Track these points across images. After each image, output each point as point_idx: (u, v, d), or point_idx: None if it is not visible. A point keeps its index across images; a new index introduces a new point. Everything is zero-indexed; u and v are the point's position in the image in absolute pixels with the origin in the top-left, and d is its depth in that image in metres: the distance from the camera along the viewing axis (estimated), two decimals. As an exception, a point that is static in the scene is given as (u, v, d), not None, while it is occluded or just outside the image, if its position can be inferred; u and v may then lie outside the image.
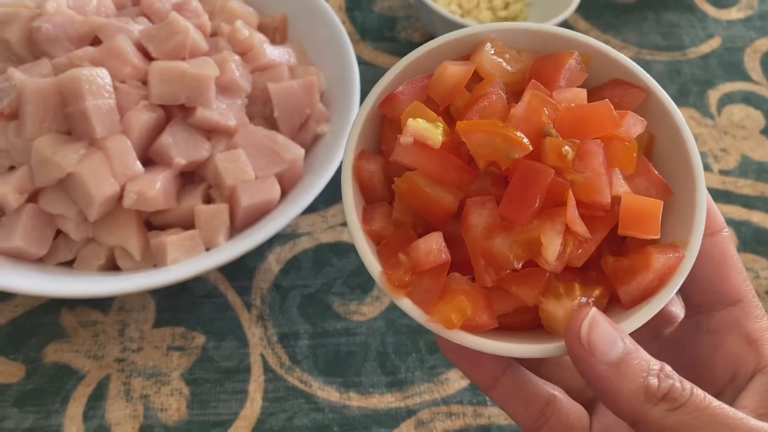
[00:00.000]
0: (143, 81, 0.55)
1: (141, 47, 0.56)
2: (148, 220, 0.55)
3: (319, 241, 0.63)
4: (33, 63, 0.55)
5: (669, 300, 0.31)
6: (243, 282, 0.60)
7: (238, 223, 0.55)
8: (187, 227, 0.54)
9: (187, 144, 0.54)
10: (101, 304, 0.57)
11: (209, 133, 0.56)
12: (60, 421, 0.52)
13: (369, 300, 0.60)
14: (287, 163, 0.56)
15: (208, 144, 0.55)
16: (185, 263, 0.52)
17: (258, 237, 0.52)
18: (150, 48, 0.56)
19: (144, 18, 0.59)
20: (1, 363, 0.54)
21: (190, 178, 0.56)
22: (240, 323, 0.58)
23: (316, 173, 0.57)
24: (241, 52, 0.60)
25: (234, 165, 0.54)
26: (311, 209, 0.64)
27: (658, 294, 0.31)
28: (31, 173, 0.52)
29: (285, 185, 0.57)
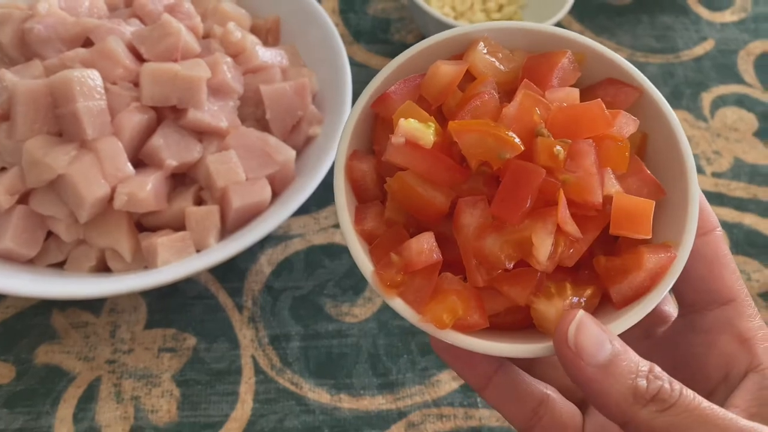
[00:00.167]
0: (135, 82, 0.55)
1: (133, 49, 0.56)
2: (139, 221, 0.55)
3: (311, 243, 0.63)
4: (25, 64, 0.55)
5: (660, 300, 0.31)
6: (234, 283, 0.60)
7: (229, 225, 0.55)
8: (178, 229, 0.54)
9: (179, 146, 0.54)
10: (92, 305, 0.57)
11: (201, 135, 0.56)
12: (50, 423, 0.52)
13: (361, 302, 0.60)
14: (279, 165, 0.56)
15: (199, 146, 0.55)
16: (176, 264, 0.52)
17: (248, 239, 0.52)
18: (142, 49, 0.56)
19: (136, 19, 0.59)
20: (-8, 364, 0.54)
21: (181, 179, 0.56)
22: (231, 325, 0.58)
23: (307, 175, 0.57)
24: (234, 53, 0.60)
25: (225, 166, 0.54)
26: (303, 211, 0.64)
27: (649, 294, 0.31)
28: (22, 174, 0.52)
29: (276, 187, 0.57)
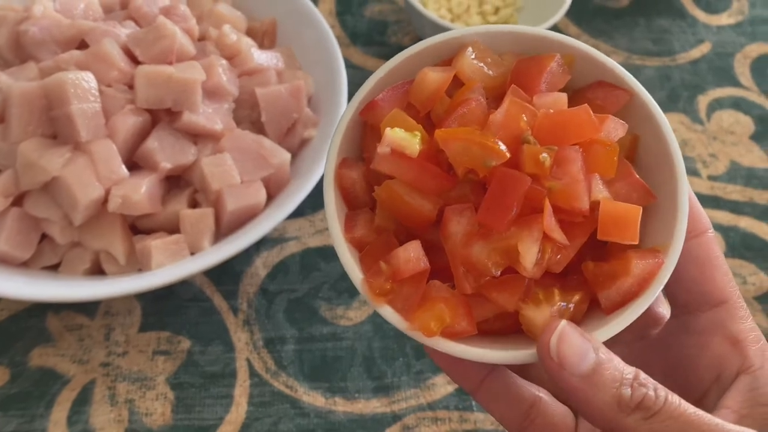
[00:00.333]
0: (130, 85, 0.55)
1: (128, 51, 0.56)
2: (133, 224, 0.55)
3: (307, 246, 0.63)
4: (19, 67, 0.55)
5: (649, 305, 0.31)
6: (229, 286, 0.60)
7: (223, 228, 0.55)
8: (173, 231, 0.54)
9: (173, 148, 0.54)
10: (87, 308, 0.57)
11: (195, 138, 0.56)
12: (44, 426, 0.52)
13: (356, 304, 0.60)
14: (273, 168, 0.56)
15: (194, 148, 0.55)
16: (170, 267, 0.51)
17: (243, 241, 0.52)
18: (137, 52, 0.56)
19: (131, 22, 0.59)
20: (-14, 367, 0.54)
21: (176, 182, 0.56)
22: (226, 327, 0.57)
23: (302, 177, 0.57)
24: (229, 56, 0.60)
25: (220, 169, 0.54)
26: (299, 214, 0.64)
27: (638, 299, 0.31)
28: (17, 177, 0.52)
29: (271, 189, 0.57)
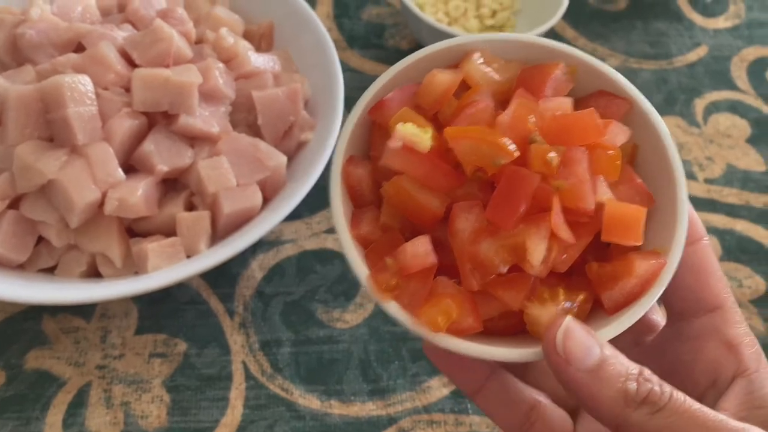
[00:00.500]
0: (126, 88, 0.55)
1: (125, 54, 0.56)
2: (129, 227, 0.55)
3: (303, 248, 0.63)
4: (16, 69, 0.55)
5: (651, 305, 0.31)
6: (226, 289, 0.60)
7: (220, 230, 0.55)
8: (169, 234, 0.54)
9: (170, 151, 0.54)
10: (83, 310, 0.57)
11: (192, 141, 0.56)
12: (40, 428, 0.52)
13: (352, 307, 0.60)
14: (270, 171, 0.56)
15: (190, 151, 0.55)
16: (166, 270, 0.52)
17: (239, 244, 0.52)
18: (134, 55, 0.56)
19: (129, 25, 0.59)
20: (-18, 369, 0.54)
21: (172, 185, 0.56)
22: (222, 330, 0.58)
23: (299, 180, 0.57)
24: (226, 59, 0.60)
25: (216, 172, 0.54)
26: (295, 216, 0.64)
27: (640, 300, 0.32)
28: (13, 179, 0.52)
29: (267, 192, 0.57)
